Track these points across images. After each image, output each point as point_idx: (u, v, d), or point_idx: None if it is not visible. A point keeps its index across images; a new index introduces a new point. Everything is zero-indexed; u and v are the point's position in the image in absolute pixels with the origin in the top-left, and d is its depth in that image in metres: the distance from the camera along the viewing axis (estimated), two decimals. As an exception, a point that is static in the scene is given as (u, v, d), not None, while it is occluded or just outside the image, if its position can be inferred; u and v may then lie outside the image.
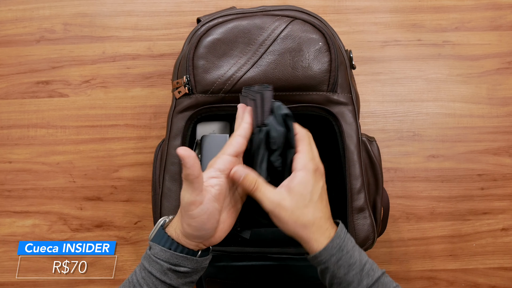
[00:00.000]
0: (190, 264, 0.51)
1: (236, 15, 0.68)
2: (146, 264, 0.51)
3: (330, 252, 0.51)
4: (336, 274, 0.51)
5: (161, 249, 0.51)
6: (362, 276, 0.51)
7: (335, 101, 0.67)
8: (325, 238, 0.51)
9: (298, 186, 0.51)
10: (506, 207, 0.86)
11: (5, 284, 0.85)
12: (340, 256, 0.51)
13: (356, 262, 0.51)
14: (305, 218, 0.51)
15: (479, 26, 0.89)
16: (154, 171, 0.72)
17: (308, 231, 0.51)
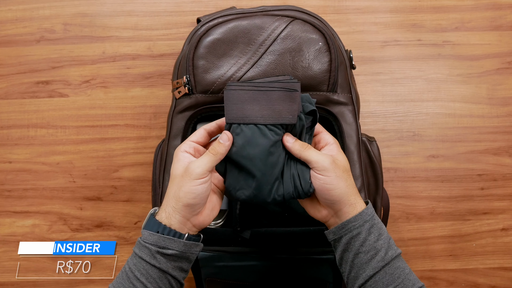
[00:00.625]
0: (177, 246, 0.52)
1: (236, 15, 0.68)
2: (137, 250, 0.53)
3: (365, 218, 0.53)
4: (366, 241, 0.52)
5: (149, 233, 0.52)
6: (389, 246, 0.52)
7: (335, 101, 0.67)
8: (362, 202, 0.54)
9: (339, 153, 0.55)
10: (506, 207, 0.86)
11: (5, 284, 0.85)
12: (372, 223, 0.53)
13: (384, 233, 0.53)
14: (351, 179, 0.55)
15: (479, 26, 0.89)
16: (154, 171, 0.72)
17: (353, 192, 0.54)
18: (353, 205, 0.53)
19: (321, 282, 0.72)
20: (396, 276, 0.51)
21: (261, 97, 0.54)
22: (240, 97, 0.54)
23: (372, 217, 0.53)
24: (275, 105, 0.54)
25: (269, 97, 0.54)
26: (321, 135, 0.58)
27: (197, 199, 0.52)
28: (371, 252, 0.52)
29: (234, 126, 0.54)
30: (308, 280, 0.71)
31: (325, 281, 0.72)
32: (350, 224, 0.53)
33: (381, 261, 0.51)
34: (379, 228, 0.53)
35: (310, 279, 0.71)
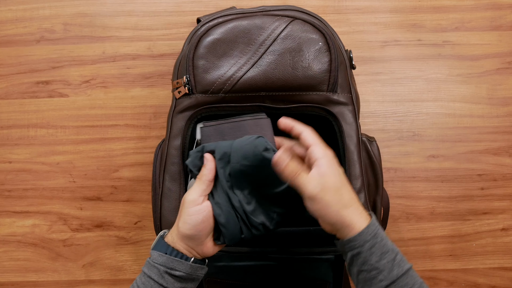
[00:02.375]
0: (184, 268, 0.55)
1: (236, 15, 0.68)
2: (146, 270, 0.55)
3: (364, 238, 0.51)
4: (368, 261, 0.51)
5: (158, 254, 0.55)
6: (393, 265, 0.51)
7: (335, 101, 0.67)
8: (363, 220, 0.52)
9: (328, 170, 0.53)
10: (506, 207, 0.86)
11: (5, 284, 0.86)
12: (374, 243, 0.51)
13: (388, 251, 0.52)
14: (345, 198, 0.52)
15: (479, 26, 0.89)
16: (154, 171, 0.72)
17: (349, 211, 0.52)
18: (350, 226, 0.52)
19: (321, 282, 0.72)
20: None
21: (236, 128, 0.59)
22: (216, 131, 0.59)
23: (374, 235, 0.52)
24: (250, 133, 0.59)
25: (243, 127, 0.59)
26: (311, 149, 0.55)
27: (193, 230, 0.55)
28: (373, 271, 0.51)
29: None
30: (308, 280, 0.71)
31: (325, 281, 0.72)
32: (350, 244, 0.52)
33: (384, 280, 0.51)
34: (382, 247, 0.52)
35: (310, 279, 0.71)
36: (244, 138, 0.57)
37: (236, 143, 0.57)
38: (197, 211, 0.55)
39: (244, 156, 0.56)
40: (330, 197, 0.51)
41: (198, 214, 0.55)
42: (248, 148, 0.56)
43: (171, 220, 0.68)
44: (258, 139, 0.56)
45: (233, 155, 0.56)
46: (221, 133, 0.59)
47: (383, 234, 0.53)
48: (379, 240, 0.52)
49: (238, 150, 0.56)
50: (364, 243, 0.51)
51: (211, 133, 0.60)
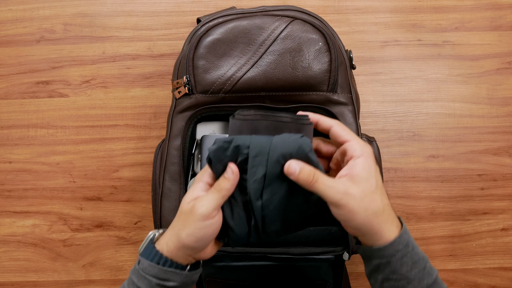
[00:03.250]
0: (179, 278, 0.50)
1: (236, 15, 0.68)
2: (135, 279, 0.50)
3: (396, 247, 0.47)
4: (397, 270, 0.47)
5: (149, 264, 0.49)
6: (423, 274, 0.48)
7: (335, 101, 0.67)
8: (394, 228, 0.48)
9: (362, 172, 0.46)
10: (506, 207, 0.86)
11: (5, 284, 0.86)
12: (405, 252, 0.47)
13: (419, 260, 0.48)
14: (375, 205, 0.46)
15: (479, 26, 0.89)
16: (154, 171, 0.72)
17: (379, 220, 0.47)
18: (378, 234, 0.47)
19: (321, 282, 0.72)
20: None
21: (273, 129, 0.49)
22: (248, 126, 0.49)
23: (405, 245, 0.47)
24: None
25: (281, 130, 0.49)
26: (347, 145, 0.49)
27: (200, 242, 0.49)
28: (402, 281, 0.47)
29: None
30: (308, 280, 0.71)
31: (325, 281, 0.72)
32: (379, 252, 0.48)
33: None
34: (413, 255, 0.48)
35: (310, 279, 0.71)
36: (286, 135, 0.48)
37: (277, 138, 0.48)
38: (209, 225, 0.48)
39: (284, 154, 0.47)
40: (357, 203, 0.46)
41: (209, 228, 0.48)
42: (291, 147, 0.47)
43: (171, 220, 0.68)
44: (303, 138, 0.48)
45: (272, 153, 0.47)
46: (254, 130, 0.49)
47: (413, 242, 0.49)
48: (411, 249, 0.48)
49: (280, 146, 0.47)
50: (396, 253, 0.47)
51: (242, 128, 0.49)
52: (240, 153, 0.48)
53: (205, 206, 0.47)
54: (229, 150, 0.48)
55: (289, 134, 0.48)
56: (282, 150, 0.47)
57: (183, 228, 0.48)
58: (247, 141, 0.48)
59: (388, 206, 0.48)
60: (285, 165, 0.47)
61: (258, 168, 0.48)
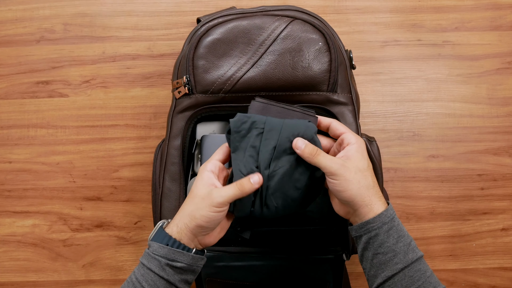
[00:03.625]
0: (186, 259, 0.54)
1: (236, 15, 0.68)
2: (145, 261, 0.54)
3: (383, 220, 0.53)
4: (384, 243, 0.52)
5: (159, 246, 0.54)
6: (408, 249, 0.52)
7: (335, 101, 0.67)
8: (381, 203, 0.54)
9: (356, 154, 0.55)
10: (506, 207, 0.86)
11: (5, 284, 0.86)
12: (391, 226, 0.53)
13: (404, 235, 0.53)
14: (367, 180, 0.54)
15: (479, 26, 0.89)
16: (154, 171, 0.72)
17: (370, 193, 0.54)
18: (369, 206, 0.53)
19: (321, 282, 0.72)
20: (416, 279, 0.52)
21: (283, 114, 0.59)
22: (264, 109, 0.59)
23: (391, 219, 0.53)
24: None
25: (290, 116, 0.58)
26: (343, 136, 0.57)
27: (211, 223, 0.54)
28: (389, 254, 0.52)
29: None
30: (308, 280, 0.71)
31: (325, 281, 0.72)
32: (368, 225, 0.53)
33: (399, 263, 0.52)
34: (399, 231, 0.53)
35: (310, 279, 0.71)
36: (296, 119, 0.57)
37: (288, 120, 0.57)
38: (221, 211, 0.54)
39: (294, 133, 0.56)
40: (352, 174, 0.53)
41: (221, 213, 0.54)
42: (300, 126, 0.56)
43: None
44: (310, 123, 0.57)
45: (283, 130, 0.56)
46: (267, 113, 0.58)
47: (399, 220, 0.54)
48: (396, 224, 0.53)
49: (290, 126, 0.56)
50: (382, 225, 0.53)
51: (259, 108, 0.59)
52: (255, 128, 0.57)
53: (223, 197, 0.53)
54: (246, 124, 0.57)
55: (298, 119, 0.58)
56: (292, 130, 0.56)
57: (197, 209, 0.54)
58: (263, 119, 0.57)
59: (377, 185, 0.55)
60: (293, 141, 0.56)
61: (270, 141, 0.56)
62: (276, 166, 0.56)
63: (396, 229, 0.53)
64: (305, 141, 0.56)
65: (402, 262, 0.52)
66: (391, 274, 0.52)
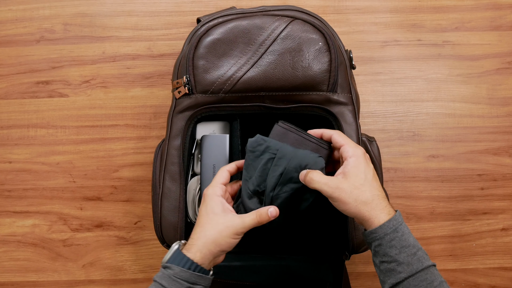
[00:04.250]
0: (204, 282, 0.56)
1: (236, 15, 0.68)
2: (165, 283, 0.55)
3: (385, 231, 0.54)
4: (388, 253, 0.54)
5: (181, 270, 0.55)
6: (413, 259, 0.53)
7: (335, 101, 0.67)
8: (384, 215, 0.55)
9: (352, 169, 0.56)
10: (506, 207, 0.86)
11: (5, 284, 0.86)
12: (394, 237, 0.54)
13: (409, 246, 0.54)
14: (364, 196, 0.55)
15: (479, 26, 0.89)
16: (154, 171, 0.72)
17: (368, 208, 0.55)
18: (369, 220, 0.55)
19: (321, 282, 0.72)
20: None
21: (299, 141, 0.62)
22: (284, 135, 0.62)
23: (394, 230, 0.54)
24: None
25: (304, 146, 0.62)
26: (342, 148, 0.59)
27: (232, 247, 0.58)
28: (393, 263, 0.54)
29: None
30: (308, 281, 0.71)
31: (325, 281, 0.72)
32: (372, 235, 0.55)
33: (403, 272, 0.53)
34: (402, 241, 0.54)
35: (310, 280, 0.71)
36: (308, 152, 0.61)
37: (301, 151, 0.60)
38: (241, 235, 0.58)
39: (302, 165, 0.59)
40: (348, 195, 0.55)
41: (241, 237, 0.59)
42: (309, 160, 0.60)
43: (171, 220, 0.68)
44: (320, 158, 0.60)
45: (293, 160, 0.60)
46: (286, 139, 0.62)
47: (405, 230, 0.55)
48: (400, 234, 0.54)
49: (300, 158, 0.60)
50: (384, 236, 0.54)
51: (279, 133, 0.62)
52: (268, 152, 0.60)
53: (245, 227, 0.57)
54: (262, 146, 0.61)
55: (311, 151, 0.61)
56: (300, 161, 0.59)
57: (221, 237, 0.57)
58: (277, 146, 0.61)
59: (378, 197, 0.56)
60: (300, 174, 0.59)
61: (278, 168, 0.60)
62: (280, 190, 0.60)
63: (399, 240, 0.54)
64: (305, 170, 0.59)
65: (406, 272, 0.53)
66: (395, 282, 0.53)
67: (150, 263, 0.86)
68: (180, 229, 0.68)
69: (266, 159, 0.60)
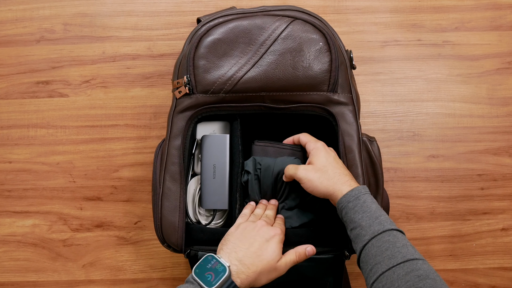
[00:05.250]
0: None
1: (237, 15, 0.68)
2: None
3: (347, 199, 0.60)
4: (353, 219, 0.59)
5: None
6: (374, 223, 0.58)
7: (336, 101, 0.67)
8: (347, 187, 0.62)
9: (315, 157, 0.66)
10: (506, 207, 0.86)
11: (5, 284, 0.85)
12: (356, 203, 0.60)
13: (371, 211, 0.59)
14: (326, 174, 0.63)
15: (479, 26, 0.89)
16: (154, 171, 0.72)
17: (331, 183, 0.62)
18: (334, 193, 0.62)
19: (321, 282, 0.72)
20: (384, 249, 0.55)
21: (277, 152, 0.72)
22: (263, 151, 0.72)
23: (356, 197, 0.60)
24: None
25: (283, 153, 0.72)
26: (306, 145, 0.68)
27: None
28: (358, 228, 0.59)
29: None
30: (308, 280, 0.71)
31: (325, 281, 0.72)
32: (338, 206, 0.62)
33: (366, 235, 0.57)
34: (364, 207, 0.59)
35: (310, 279, 0.71)
36: (286, 157, 0.70)
37: (278, 159, 0.70)
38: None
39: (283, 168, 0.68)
40: (313, 174, 0.64)
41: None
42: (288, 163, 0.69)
43: (171, 220, 0.68)
44: (296, 159, 0.70)
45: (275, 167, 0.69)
46: (267, 153, 0.71)
47: (368, 198, 0.61)
48: (362, 201, 0.60)
49: (280, 163, 0.69)
50: (347, 203, 0.60)
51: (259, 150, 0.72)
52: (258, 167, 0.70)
53: (287, 270, 0.63)
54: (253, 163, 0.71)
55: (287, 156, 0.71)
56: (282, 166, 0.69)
57: (266, 275, 0.61)
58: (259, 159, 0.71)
59: (340, 174, 0.63)
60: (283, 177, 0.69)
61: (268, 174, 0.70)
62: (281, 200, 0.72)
63: (361, 206, 0.60)
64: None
65: (368, 234, 0.57)
66: (362, 245, 0.58)
67: (150, 263, 0.86)
68: (180, 229, 0.68)
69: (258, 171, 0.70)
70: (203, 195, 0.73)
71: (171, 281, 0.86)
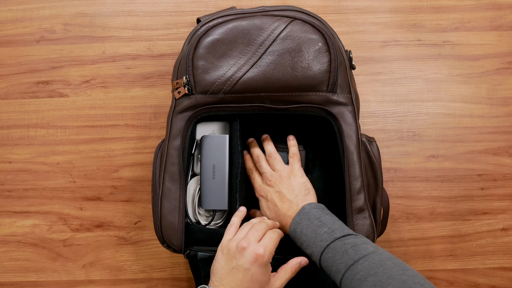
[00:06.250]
0: None
1: (236, 15, 0.68)
2: None
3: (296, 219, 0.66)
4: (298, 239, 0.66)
5: None
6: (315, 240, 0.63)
7: (335, 102, 0.67)
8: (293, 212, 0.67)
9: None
10: (506, 207, 0.86)
11: (5, 284, 0.86)
12: (298, 223, 0.66)
13: (308, 229, 0.64)
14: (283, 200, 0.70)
15: (479, 26, 0.89)
16: (154, 171, 0.72)
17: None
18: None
19: (320, 283, 0.72)
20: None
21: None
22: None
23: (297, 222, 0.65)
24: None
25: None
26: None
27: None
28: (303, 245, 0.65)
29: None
30: (308, 281, 0.71)
31: (325, 282, 0.72)
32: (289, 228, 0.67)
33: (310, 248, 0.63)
34: (303, 225, 0.65)
35: (310, 280, 0.71)
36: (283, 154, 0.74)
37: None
38: None
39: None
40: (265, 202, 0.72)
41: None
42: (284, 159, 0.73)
43: (171, 220, 0.68)
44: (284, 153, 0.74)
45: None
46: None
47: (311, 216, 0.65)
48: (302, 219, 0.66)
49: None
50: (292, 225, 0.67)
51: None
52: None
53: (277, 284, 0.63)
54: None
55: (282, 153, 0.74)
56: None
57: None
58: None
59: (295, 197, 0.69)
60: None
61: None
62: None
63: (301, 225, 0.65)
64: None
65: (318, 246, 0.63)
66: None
67: (150, 263, 0.86)
68: (179, 229, 0.68)
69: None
70: (203, 196, 0.73)
71: (171, 281, 0.86)
